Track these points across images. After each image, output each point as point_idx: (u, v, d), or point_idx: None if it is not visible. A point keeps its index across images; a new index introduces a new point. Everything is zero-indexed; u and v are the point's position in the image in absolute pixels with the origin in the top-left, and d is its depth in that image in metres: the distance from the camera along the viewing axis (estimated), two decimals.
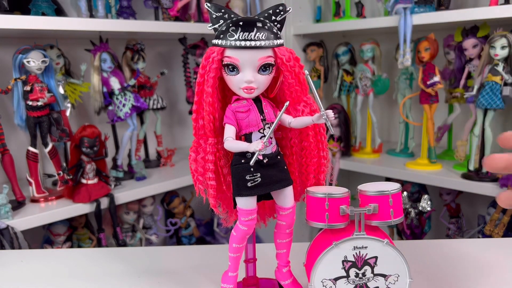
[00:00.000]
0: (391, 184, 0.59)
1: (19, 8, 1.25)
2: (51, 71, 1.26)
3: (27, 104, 1.21)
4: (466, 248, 0.83)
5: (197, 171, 0.60)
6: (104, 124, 1.50)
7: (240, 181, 0.58)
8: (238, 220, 0.60)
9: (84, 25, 1.26)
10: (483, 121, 1.30)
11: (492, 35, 1.24)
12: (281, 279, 0.66)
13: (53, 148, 1.30)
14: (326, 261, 0.57)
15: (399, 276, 0.58)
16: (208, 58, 0.56)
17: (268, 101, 0.60)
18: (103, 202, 1.31)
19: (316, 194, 0.58)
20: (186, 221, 1.68)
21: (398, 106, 1.63)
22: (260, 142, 0.53)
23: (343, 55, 1.71)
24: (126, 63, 1.52)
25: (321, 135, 0.63)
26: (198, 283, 0.73)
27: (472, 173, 1.35)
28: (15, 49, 1.20)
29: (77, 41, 1.51)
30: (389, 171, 1.54)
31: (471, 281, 0.70)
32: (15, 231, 1.12)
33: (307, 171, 0.63)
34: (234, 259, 0.63)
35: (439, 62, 1.56)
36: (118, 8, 1.46)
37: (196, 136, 0.60)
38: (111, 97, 1.42)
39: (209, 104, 0.57)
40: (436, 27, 1.51)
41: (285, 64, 0.57)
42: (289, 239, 0.64)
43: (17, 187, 1.23)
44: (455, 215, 1.54)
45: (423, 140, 1.52)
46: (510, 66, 1.23)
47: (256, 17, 0.56)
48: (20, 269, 0.81)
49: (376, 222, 0.57)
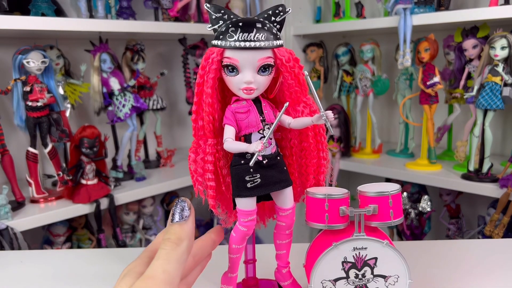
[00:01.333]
0: (391, 185, 0.59)
1: (19, 8, 1.25)
2: (51, 71, 1.26)
3: (26, 104, 1.21)
4: (466, 249, 0.83)
5: (197, 172, 0.60)
6: (104, 125, 1.50)
7: (239, 182, 0.58)
8: (238, 221, 0.60)
9: (84, 25, 1.26)
10: (483, 121, 1.30)
11: (492, 36, 1.24)
12: (281, 280, 0.66)
13: (52, 149, 1.30)
14: (326, 262, 0.57)
15: (399, 277, 0.58)
16: (208, 58, 0.56)
17: (267, 102, 0.60)
18: (103, 202, 1.31)
19: (315, 195, 0.58)
20: None
21: (398, 107, 1.63)
22: (259, 143, 0.53)
23: (343, 56, 1.71)
24: (126, 64, 1.52)
25: (321, 135, 0.62)
26: (198, 284, 0.72)
27: (472, 174, 1.35)
28: (15, 50, 1.20)
29: (77, 41, 1.51)
30: (389, 171, 1.54)
31: (471, 282, 0.70)
32: (14, 231, 1.12)
33: (307, 172, 0.63)
34: (233, 260, 0.63)
35: (439, 63, 1.56)
36: (118, 8, 1.46)
37: (196, 137, 0.60)
38: (111, 97, 1.42)
39: (209, 104, 0.57)
40: (436, 27, 1.51)
41: (284, 65, 0.57)
42: (289, 240, 0.64)
43: (17, 187, 1.23)
44: (455, 215, 1.54)
45: (423, 140, 1.52)
46: (510, 66, 1.23)
47: (256, 18, 0.56)
48: (20, 270, 0.81)
49: (376, 223, 0.57)
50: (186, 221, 0.40)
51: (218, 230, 0.52)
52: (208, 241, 0.49)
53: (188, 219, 0.40)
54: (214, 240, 0.50)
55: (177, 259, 0.38)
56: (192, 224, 0.41)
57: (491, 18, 1.25)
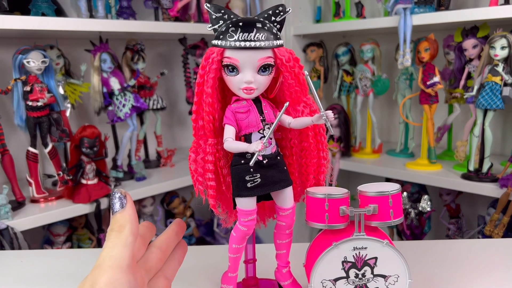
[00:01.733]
0: (391, 185, 0.59)
1: (19, 8, 1.25)
2: (51, 71, 1.26)
3: (27, 104, 1.21)
4: (466, 249, 0.83)
5: (197, 172, 0.60)
6: (104, 125, 1.50)
7: (239, 181, 0.58)
8: (238, 221, 0.60)
9: (84, 25, 1.26)
10: (483, 121, 1.30)
11: (492, 36, 1.24)
12: (281, 279, 0.66)
13: (53, 149, 1.30)
14: (326, 262, 0.57)
15: (399, 277, 0.58)
16: (208, 58, 0.56)
17: (267, 102, 0.60)
18: (103, 202, 1.31)
19: (316, 195, 0.58)
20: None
21: (398, 107, 1.63)
22: (259, 143, 0.53)
23: (343, 56, 1.71)
24: (126, 64, 1.52)
25: (321, 135, 0.62)
26: (198, 283, 0.73)
27: (472, 174, 1.35)
28: (15, 49, 1.20)
29: (77, 41, 1.51)
30: (389, 171, 1.54)
31: (471, 281, 0.70)
32: (15, 231, 1.12)
33: (307, 172, 0.63)
34: (233, 259, 0.63)
35: (439, 63, 1.56)
36: (118, 8, 1.46)
37: (196, 137, 0.60)
38: (111, 97, 1.42)
39: (209, 104, 0.57)
40: (436, 27, 1.51)
41: (284, 65, 0.57)
42: (289, 239, 0.64)
43: (17, 187, 1.23)
44: (455, 215, 1.54)
45: (423, 140, 1.52)
46: (510, 66, 1.23)
47: (256, 18, 0.56)
48: (20, 269, 0.81)
49: (376, 222, 0.57)
50: (125, 208, 0.42)
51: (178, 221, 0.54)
52: (170, 232, 0.52)
53: (126, 205, 0.42)
54: (176, 231, 0.52)
55: (122, 244, 0.40)
56: (131, 209, 0.43)
57: (491, 18, 1.25)
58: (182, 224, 0.54)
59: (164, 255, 0.49)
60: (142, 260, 0.46)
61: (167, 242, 0.50)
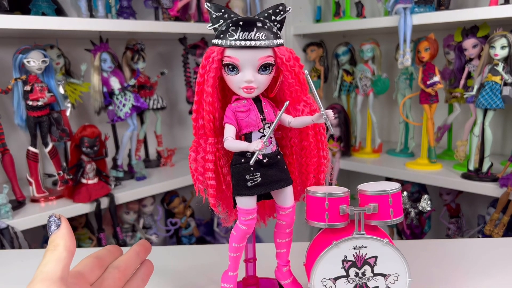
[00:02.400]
0: (391, 184, 0.59)
1: (19, 8, 1.25)
2: (51, 71, 1.26)
3: (27, 104, 1.22)
4: (466, 248, 0.83)
5: (197, 171, 0.60)
6: (104, 124, 1.50)
7: (240, 180, 0.58)
8: (238, 220, 0.60)
9: (84, 25, 1.26)
10: (483, 121, 1.30)
11: (492, 35, 1.24)
12: (281, 278, 0.67)
13: (53, 148, 1.30)
14: (326, 261, 0.57)
15: (398, 276, 0.58)
16: (208, 58, 0.56)
17: (268, 101, 0.60)
18: (103, 202, 1.31)
19: (316, 194, 0.58)
20: (186, 221, 1.68)
21: (398, 106, 1.63)
22: (260, 142, 0.53)
23: (343, 55, 1.72)
24: (126, 63, 1.52)
25: (321, 134, 0.63)
26: (198, 283, 0.73)
27: (472, 173, 1.35)
28: (15, 49, 1.20)
29: (77, 41, 1.51)
30: (389, 171, 1.55)
31: (471, 280, 0.70)
32: (15, 230, 1.12)
33: (307, 171, 0.63)
34: (234, 258, 0.63)
35: (439, 62, 1.56)
36: (118, 8, 1.46)
37: (196, 136, 0.60)
38: (111, 97, 1.42)
39: (209, 103, 0.57)
40: (436, 27, 1.51)
41: (285, 64, 0.57)
42: (289, 238, 0.64)
43: (17, 187, 1.23)
44: (455, 215, 1.54)
45: (423, 140, 1.52)
46: (510, 66, 1.23)
47: (256, 17, 0.56)
48: (20, 269, 0.81)
49: (376, 221, 0.57)
50: (59, 228, 0.44)
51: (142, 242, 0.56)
52: (131, 253, 0.53)
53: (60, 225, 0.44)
54: (138, 251, 0.54)
55: (55, 259, 0.42)
56: (66, 229, 0.44)
57: (491, 17, 1.25)
58: (145, 245, 0.56)
59: (123, 275, 0.50)
60: (99, 281, 0.47)
61: (126, 263, 0.51)
